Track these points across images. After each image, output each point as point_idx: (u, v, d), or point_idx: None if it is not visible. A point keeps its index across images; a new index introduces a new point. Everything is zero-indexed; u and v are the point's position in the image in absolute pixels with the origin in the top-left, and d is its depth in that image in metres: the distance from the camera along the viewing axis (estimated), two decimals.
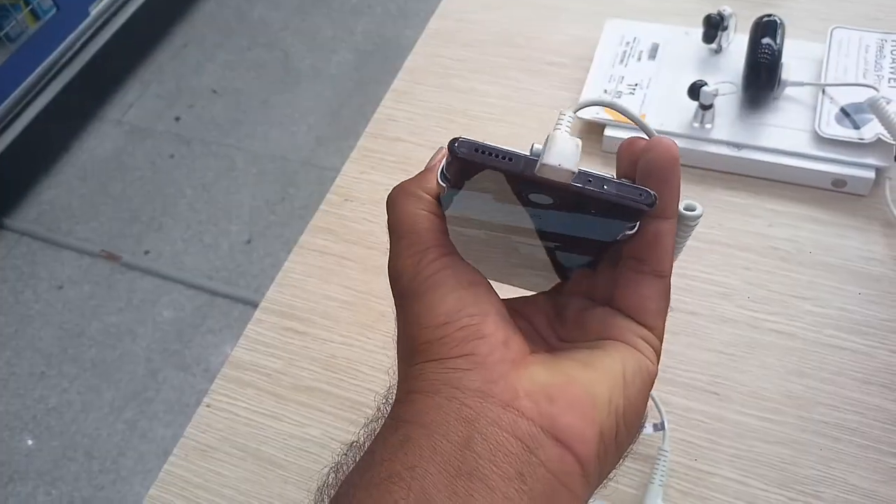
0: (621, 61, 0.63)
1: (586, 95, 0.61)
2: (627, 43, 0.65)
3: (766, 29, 0.57)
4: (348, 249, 0.58)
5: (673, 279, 0.54)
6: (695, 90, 0.57)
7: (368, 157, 0.63)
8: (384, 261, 0.27)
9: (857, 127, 0.56)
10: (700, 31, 0.63)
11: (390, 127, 0.65)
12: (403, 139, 0.64)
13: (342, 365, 0.52)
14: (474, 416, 0.22)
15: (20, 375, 1.46)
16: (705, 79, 0.59)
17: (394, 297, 0.26)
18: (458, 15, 0.73)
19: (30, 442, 1.38)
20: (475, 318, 0.24)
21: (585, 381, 0.23)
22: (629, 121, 0.59)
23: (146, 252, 1.61)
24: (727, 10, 0.61)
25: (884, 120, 0.53)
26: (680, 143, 0.58)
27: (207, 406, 0.51)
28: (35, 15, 1.71)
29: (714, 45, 0.62)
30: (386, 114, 0.66)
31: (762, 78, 0.56)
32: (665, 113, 0.60)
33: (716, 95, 0.57)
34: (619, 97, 0.61)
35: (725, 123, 0.58)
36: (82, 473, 1.34)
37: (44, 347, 1.49)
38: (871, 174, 0.55)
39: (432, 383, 0.23)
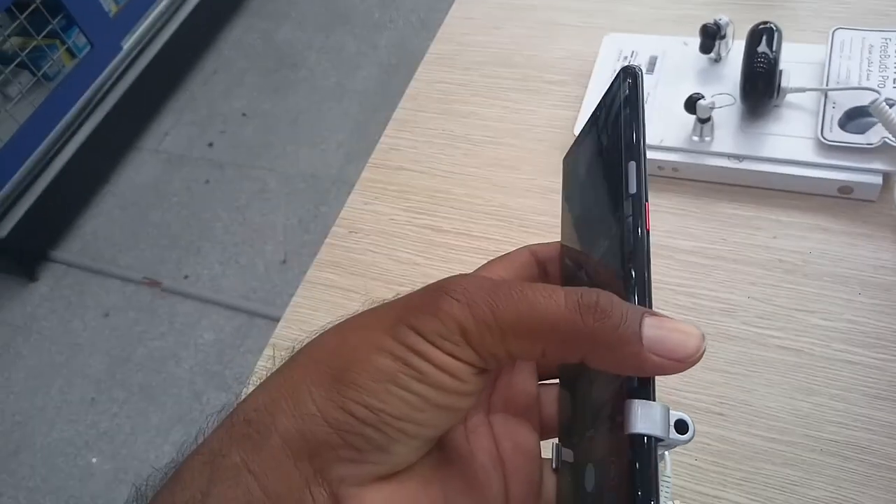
0: None
1: (584, 114, 0.61)
2: (625, 57, 0.64)
3: (762, 37, 0.56)
4: (354, 282, 0.59)
5: (677, 298, 0.53)
6: (691, 104, 0.56)
7: (371, 187, 0.64)
8: (388, 293, 0.26)
9: (862, 131, 0.54)
10: (699, 40, 0.62)
11: (393, 156, 0.66)
12: (406, 168, 0.65)
13: None
14: None
15: (72, 402, 1.52)
16: (706, 89, 0.58)
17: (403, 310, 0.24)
18: (458, 38, 0.73)
19: (94, 460, 1.44)
20: (396, 433, 0.23)
21: None
22: None
23: (185, 276, 1.66)
24: (723, 18, 0.60)
25: (887, 123, 0.52)
26: (680, 157, 0.58)
27: None
28: (71, 53, 1.78)
29: (713, 55, 0.61)
30: (388, 143, 0.67)
31: (759, 87, 0.55)
32: (664, 128, 0.59)
33: (713, 108, 0.56)
34: None
35: (726, 135, 0.57)
36: None
37: (93, 374, 1.55)
38: (879, 179, 0.53)
39: (304, 444, 0.22)
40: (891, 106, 0.53)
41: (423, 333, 0.22)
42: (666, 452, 0.46)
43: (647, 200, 0.24)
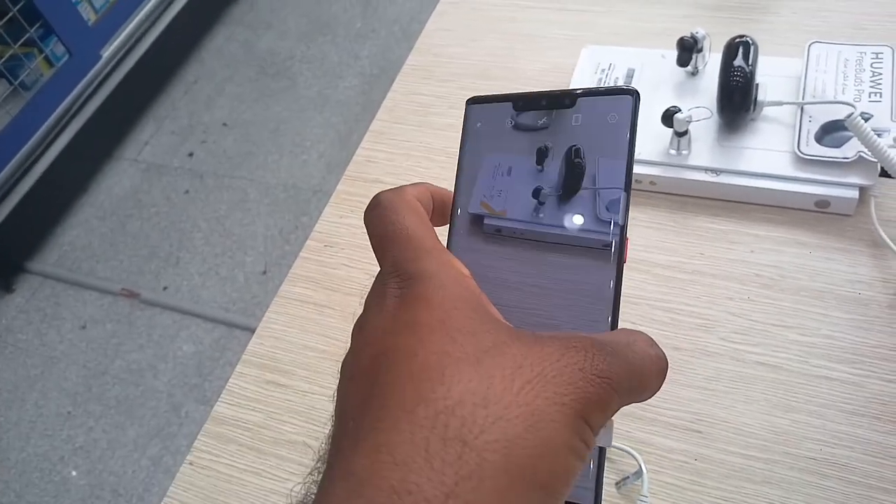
0: None
1: None
2: (603, 70, 0.64)
3: (738, 50, 0.56)
4: (328, 297, 0.58)
5: (654, 313, 0.53)
6: (668, 117, 0.56)
7: (347, 200, 0.63)
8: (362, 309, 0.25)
9: (838, 145, 0.54)
10: (676, 53, 0.62)
11: (369, 168, 0.65)
12: (382, 180, 0.64)
13: (323, 417, 0.52)
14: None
15: (48, 416, 1.49)
16: (683, 102, 0.58)
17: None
18: (436, 50, 0.73)
19: (73, 473, 1.41)
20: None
21: None
22: None
23: (164, 288, 1.64)
24: (700, 31, 0.60)
25: (862, 137, 0.52)
26: (657, 171, 0.58)
27: (190, 464, 0.52)
28: (49, 62, 1.76)
29: (690, 68, 0.61)
30: (365, 155, 0.66)
31: (736, 101, 0.55)
32: (641, 141, 0.58)
33: (690, 121, 0.56)
34: None
35: (703, 149, 0.57)
36: None
37: (69, 387, 1.52)
38: (855, 193, 0.53)
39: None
40: (866, 120, 0.53)
41: (594, 427, 0.23)
42: (644, 470, 0.45)
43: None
